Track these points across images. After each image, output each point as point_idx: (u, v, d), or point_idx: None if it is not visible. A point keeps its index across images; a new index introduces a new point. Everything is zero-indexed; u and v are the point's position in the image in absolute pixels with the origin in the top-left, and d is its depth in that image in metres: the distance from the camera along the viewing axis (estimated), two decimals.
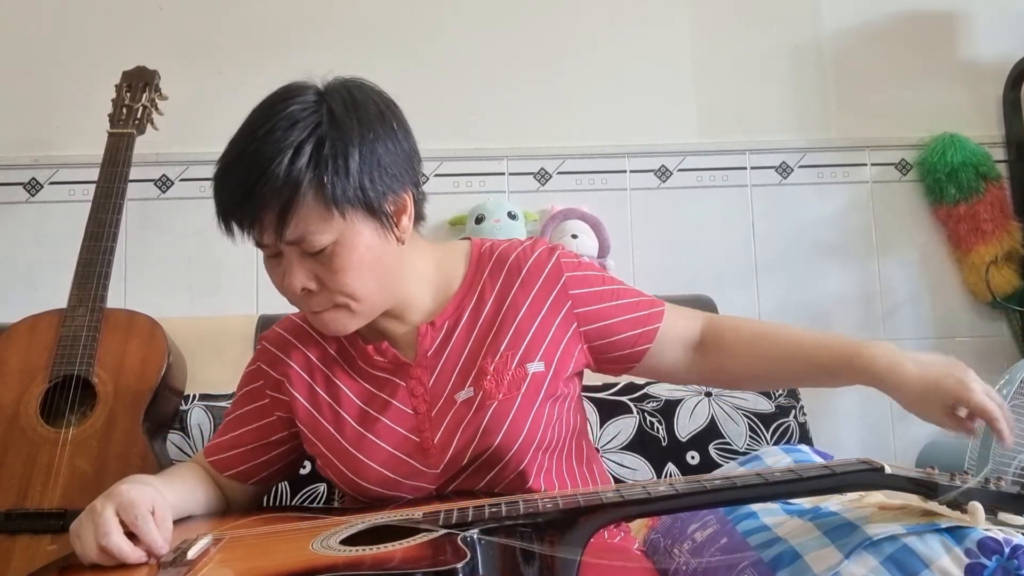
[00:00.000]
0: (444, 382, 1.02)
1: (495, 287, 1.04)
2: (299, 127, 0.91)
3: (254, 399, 1.09)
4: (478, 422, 0.98)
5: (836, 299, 2.07)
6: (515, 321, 1.03)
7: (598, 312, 1.06)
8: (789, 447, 1.38)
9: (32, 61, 2.01)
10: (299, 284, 0.94)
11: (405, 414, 1.01)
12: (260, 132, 0.93)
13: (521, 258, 1.06)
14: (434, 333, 1.03)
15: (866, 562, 0.82)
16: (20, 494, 1.30)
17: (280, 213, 0.90)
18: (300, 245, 0.93)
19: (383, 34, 2.05)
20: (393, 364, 1.03)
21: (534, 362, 1.01)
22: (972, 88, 2.14)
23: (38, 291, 1.88)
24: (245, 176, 0.91)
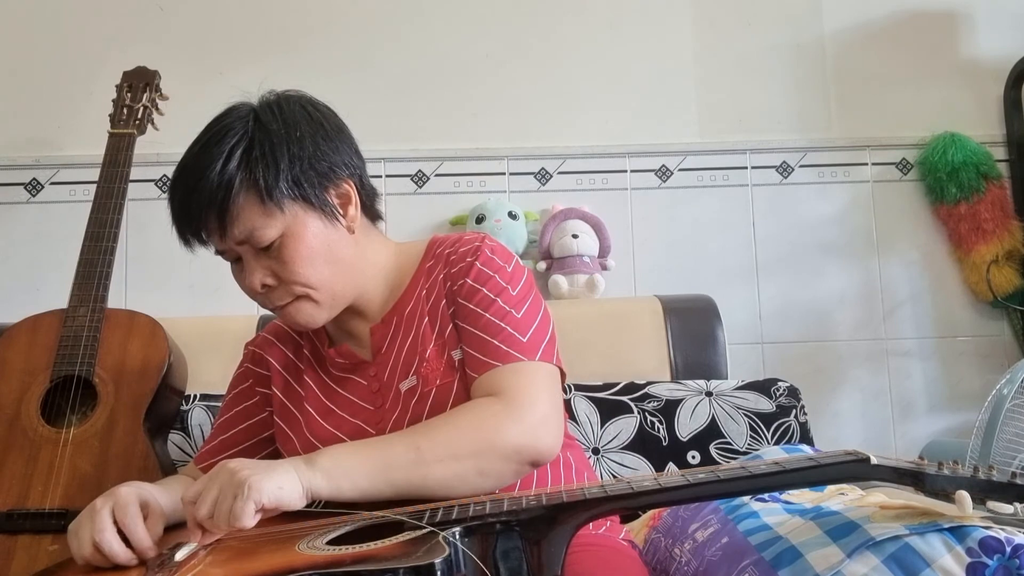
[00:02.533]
0: (394, 376, 1.05)
1: (431, 279, 1.06)
2: (229, 136, 0.98)
3: (245, 398, 1.14)
4: (421, 409, 1.00)
5: (837, 299, 2.07)
6: (439, 308, 1.04)
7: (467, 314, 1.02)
8: (790, 447, 1.38)
9: (32, 61, 2.01)
10: (257, 281, 0.99)
11: (364, 409, 1.05)
12: (196, 148, 1.00)
13: (456, 246, 1.07)
14: (383, 330, 1.07)
15: (868, 561, 0.82)
16: (21, 494, 1.30)
17: (219, 215, 0.96)
18: (250, 243, 0.97)
19: (383, 34, 2.05)
20: (352, 363, 1.08)
21: (456, 349, 1.02)
22: (973, 87, 2.14)
23: (39, 291, 1.88)
24: (184, 187, 0.98)
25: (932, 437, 1.94)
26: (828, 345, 2.06)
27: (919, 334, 2.08)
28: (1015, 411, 1.45)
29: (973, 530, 0.80)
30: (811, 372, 2.03)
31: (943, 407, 2.05)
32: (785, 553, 0.90)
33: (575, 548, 1.00)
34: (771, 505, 1.06)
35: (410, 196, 2.01)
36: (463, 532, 0.79)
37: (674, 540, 1.12)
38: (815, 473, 0.83)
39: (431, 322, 1.04)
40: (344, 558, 0.76)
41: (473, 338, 1.00)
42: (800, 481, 0.86)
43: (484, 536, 0.81)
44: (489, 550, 0.80)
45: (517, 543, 0.81)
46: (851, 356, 2.06)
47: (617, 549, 1.07)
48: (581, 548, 1.02)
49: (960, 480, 0.79)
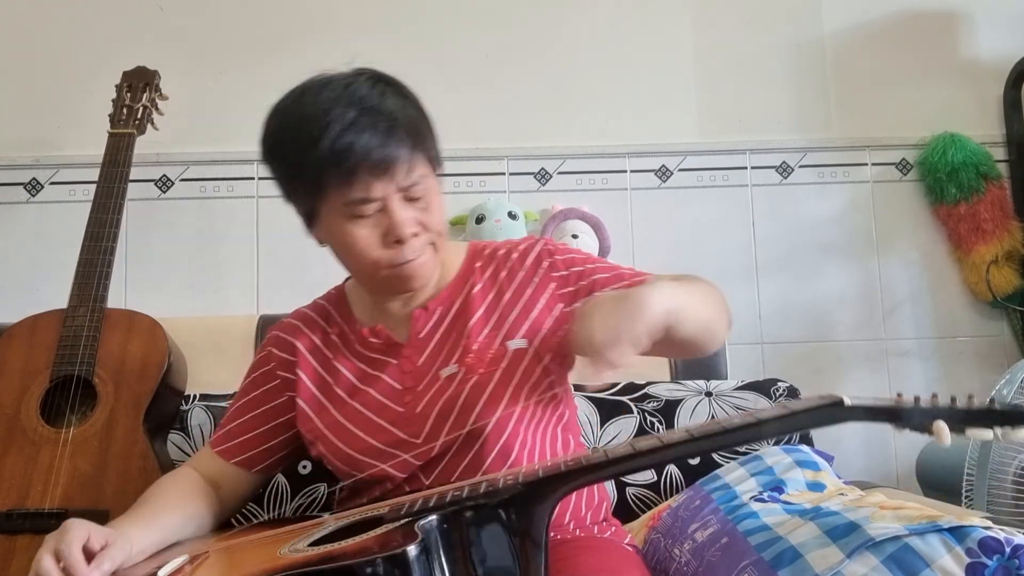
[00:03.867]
0: (432, 361, 1.07)
1: (484, 277, 1.12)
2: (381, 88, 1.00)
3: (266, 381, 1.14)
4: (457, 395, 1.04)
5: (837, 299, 2.07)
6: (500, 304, 1.09)
7: (578, 274, 1.10)
8: (790, 447, 1.38)
9: (32, 61, 2.01)
10: (410, 228, 0.99)
11: (393, 388, 1.07)
12: (362, 89, 0.99)
13: (511, 249, 1.14)
14: (426, 317, 1.09)
15: (867, 561, 0.82)
16: (21, 494, 1.30)
17: (411, 152, 0.97)
18: (410, 190, 0.99)
19: (383, 34, 2.05)
20: (386, 344, 1.09)
21: (516, 339, 1.07)
22: (973, 88, 2.14)
23: (39, 291, 1.88)
24: (376, 123, 0.96)
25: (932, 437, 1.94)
26: (828, 345, 2.06)
27: (919, 334, 2.08)
28: None
29: (972, 530, 0.80)
30: (811, 372, 2.03)
31: None
32: (784, 553, 0.90)
33: (580, 549, 1.01)
34: (771, 505, 1.07)
35: None
36: (441, 519, 0.80)
37: (674, 540, 1.12)
38: (790, 422, 0.82)
39: (486, 314, 1.08)
40: (314, 558, 0.77)
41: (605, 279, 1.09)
42: (776, 431, 0.84)
43: (464, 520, 0.81)
44: (470, 534, 0.81)
45: (498, 523, 0.82)
46: (851, 356, 2.06)
47: (622, 551, 1.07)
48: (586, 549, 1.03)
49: (937, 411, 0.78)
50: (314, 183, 0.98)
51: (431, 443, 1.03)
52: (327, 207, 1.00)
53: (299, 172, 0.99)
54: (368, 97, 0.97)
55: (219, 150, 2.01)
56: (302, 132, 0.97)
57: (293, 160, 0.99)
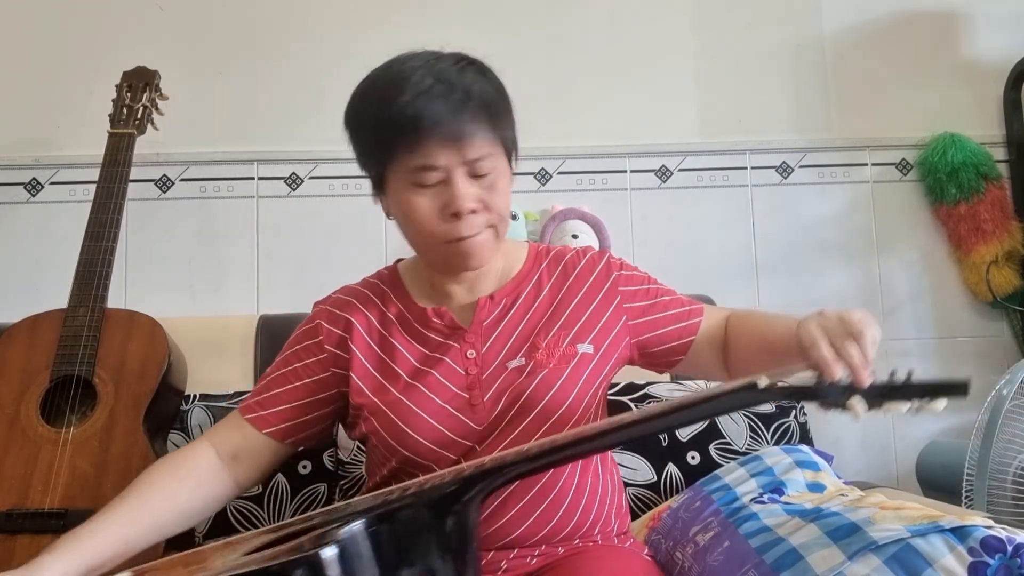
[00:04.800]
0: (497, 350, 1.08)
1: (551, 278, 1.14)
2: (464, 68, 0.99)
3: (311, 354, 1.12)
4: (526, 385, 1.04)
5: (837, 299, 2.07)
6: (569, 307, 1.11)
7: (645, 308, 1.14)
8: (789, 447, 1.38)
9: (32, 61, 2.01)
10: (470, 203, 0.99)
11: (456, 373, 1.06)
12: (445, 64, 0.99)
13: (576, 258, 1.16)
14: (492, 306, 1.09)
15: (869, 561, 0.82)
16: (21, 494, 1.30)
17: (480, 128, 0.98)
18: (475, 165, 0.99)
19: (383, 34, 2.04)
20: (449, 328, 1.09)
21: (584, 343, 1.08)
22: (973, 88, 2.14)
23: (39, 291, 1.88)
24: (450, 93, 0.96)
25: (932, 437, 1.94)
26: None
27: (919, 334, 2.08)
28: (1014, 411, 1.45)
29: (974, 530, 0.80)
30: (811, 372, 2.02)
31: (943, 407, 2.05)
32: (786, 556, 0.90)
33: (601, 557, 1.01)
34: (771, 507, 1.07)
35: None
36: (371, 521, 0.80)
37: (675, 543, 1.12)
38: (709, 407, 0.85)
39: (555, 315, 1.10)
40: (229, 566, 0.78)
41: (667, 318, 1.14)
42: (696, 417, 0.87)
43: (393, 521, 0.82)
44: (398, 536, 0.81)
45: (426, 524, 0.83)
46: None
47: (644, 562, 1.07)
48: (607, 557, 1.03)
49: (851, 388, 0.79)
50: (383, 146, 0.99)
51: (491, 431, 1.03)
52: (394, 173, 1.00)
53: (371, 134, 1.00)
54: (448, 70, 0.98)
55: (219, 150, 2.01)
56: (379, 95, 0.98)
57: (367, 122, 1.00)
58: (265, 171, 2.02)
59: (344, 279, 1.20)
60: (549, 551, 1.03)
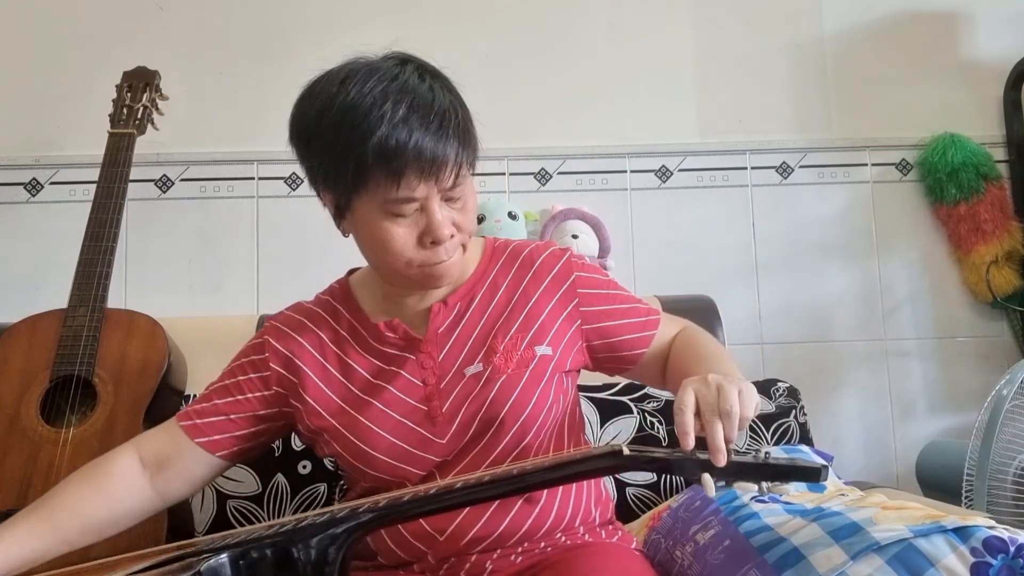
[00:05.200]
0: (454, 357, 1.06)
1: (508, 276, 1.10)
2: (429, 82, 0.97)
3: (255, 369, 1.10)
4: (486, 393, 1.02)
5: (837, 299, 2.08)
6: (526, 307, 1.08)
7: (601, 313, 1.11)
8: (790, 447, 1.38)
9: (32, 61, 2.01)
10: (448, 230, 0.98)
11: (414, 385, 1.04)
12: (412, 82, 0.96)
13: (534, 253, 1.12)
14: (446, 312, 1.07)
15: (872, 561, 0.82)
16: (20, 494, 1.30)
17: (457, 153, 0.95)
18: (451, 191, 0.97)
19: (382, 34, 2.04)
20: (404, 339, 1.06)
21: (542, 345, 1.06)
22: (973, 88, 2.14)
23: (39, 291, 1.88)
24: (428, 121, 0.94)
25: (932, 438, 1.94)
26: (828, 346, 2.06)
27: (919, 335, 2.08)
28: (1014, 411, 1.45)
29: (977, 530, 0.80)
30: (811, 373, 2.03)
31: (943, 408, 2.05)
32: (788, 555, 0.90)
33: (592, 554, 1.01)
34: (771, 506, 1.06)
35: None
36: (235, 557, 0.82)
37: (675, 542, 1.12)
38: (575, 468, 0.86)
39: (512, 315, 1.07)
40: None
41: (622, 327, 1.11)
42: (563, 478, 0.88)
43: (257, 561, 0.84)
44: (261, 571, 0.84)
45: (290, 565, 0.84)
46: (851, 357, 2.06)
47: (633, 556, 1.07)
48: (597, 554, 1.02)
49: (707, 463, 0.80)
50: (357, 177, 0.94)
51: (456, 445, 1.02)
52: (365, 202, 0.96)
53: (342, 164, 0.95)
54: (418, 91, 0.95)
55: (219, 150, 2.01)
56: (348, 123, 0.93)
57: (337, 151, 0.94)
58: (265, 171, 2.02)
59: (345, 272, 1.19)
60: (532, 548, 1.02)
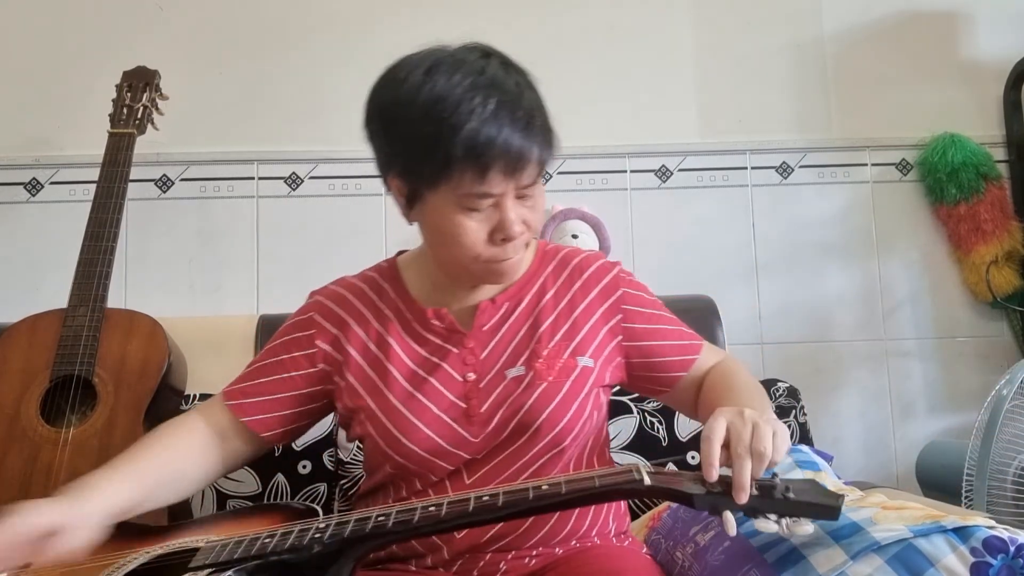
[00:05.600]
0: (496, 357, 1.05)
1: (556, 283, 1.10)
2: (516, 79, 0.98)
3: (300, 347, 1.09)
4: (526, 398, 1.01)
5: (837, 299, 2.08)
6: (571, 316, 1.08)
7: (643, 331, 1.10)
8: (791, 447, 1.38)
9: (32, 61, 2.01)
10: (519, 227, 0.98)
11: (454, 380, 1.04)
12: (498, 76, 0.96)
13: (584, 263, 1.12)
14: (493, 310, 1.07)
15: (871, 561, 0.82)
16: (20, 494, 1.30)
17: (540, 151, 0.96)
18: (526, 189, 0.97)
19: (382, 33, 2.05)
20: (448, 330, 1.06)
21: (584, 356, 1.06)
22: (973, 88, 2.14)
23: (39, 291, 1.88)
24: (515, 117, 0.94)
25: (931, 437, 1.94)
26: (828, 346, 2.06)
27: (919, 335, 2.08)
28: (1014, 411, 1.45)
29: (977, 530, 0.80)
30: (811, 373, 2.03)
31: (943, 407, 2.06)
32: (788, 555, 0.90)
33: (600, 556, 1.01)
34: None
35: None
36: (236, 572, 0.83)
37: (675, 543, 1.12)
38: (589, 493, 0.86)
39: (558, 323, 1.07)
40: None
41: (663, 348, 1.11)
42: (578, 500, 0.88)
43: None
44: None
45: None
46: (851, 356, 2.06)
47: (643, 559, 1.07)
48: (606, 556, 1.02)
49: (727, 499, 0.80)
50: (442, 169, 0.92)
51: (488, 443, 1.01)
52: (443, 193, 0.95)
53: (427, 155, 0.93)
54: (505, 86, 0.95)
55: (219, 150, 2.01)
56: (436, 114, 0.91)
57: (423, 141, 0.92)
58: (265, 171, 2.02)
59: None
60: (547, 552, 1.02)
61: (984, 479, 1.42)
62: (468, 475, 1.02)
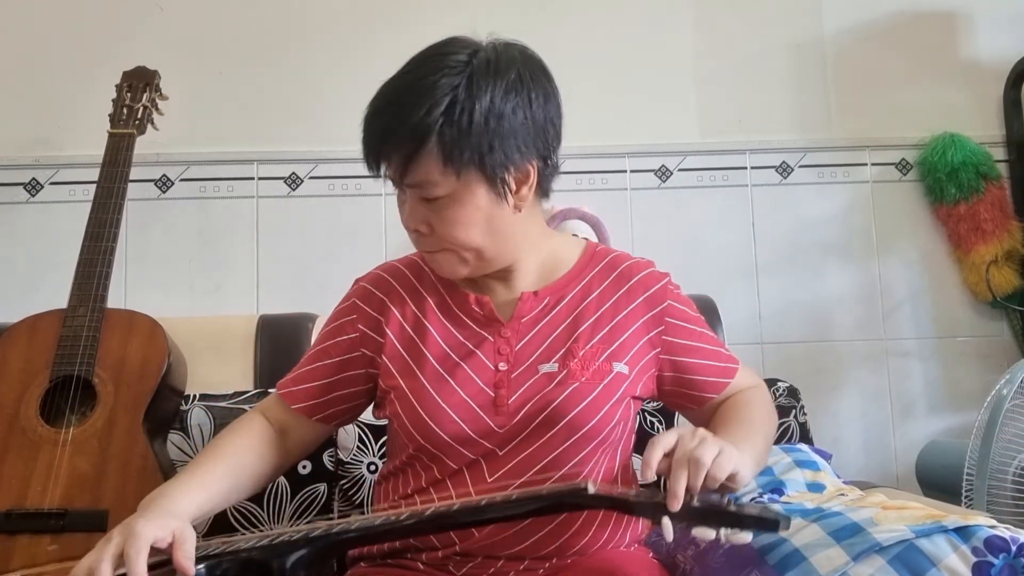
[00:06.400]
0: (531, 350, 1.05)
1: (602, 285, 1.10)
2: (441, 83, 0.96)
3: (343, 332, 1.12)
4: (556, 394, 1.01)
5: (836, 299, 2.08)
6: (613, 320, 1.07)
7: (682, 347, 1.10)
8: (789, 447, 1.38)
9: (32, 61, 2.01)
10: (412, 224, 1.01)
11: (486, 368, 1.04)
12: (408, 77, 0.99)
13: (633, 268, 1.12)
14: (534, 302, 1.07)
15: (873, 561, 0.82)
16: (20, 494, 1.30)
17: (405, 158, 0.96)
18: (418, 190, 0.98)
19: (382, 33, 2.05)
20: (487, 318, 1.07)
21: (620, 363, 1.05)
22: (972, 88, 2.14)
23: (38, 291, 1.88)
24: (386, 118, 0.97)
25: (932, 437, 1.94)
26: (828, 345, 2.06)
27: (919, 334, 2.08)
28: (1014, 411, 1.45)
29: (978, 529, 0.81)
30: (811, 372, 2.03)
31: (943, 407, 2.06)
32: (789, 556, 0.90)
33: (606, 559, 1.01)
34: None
35: None
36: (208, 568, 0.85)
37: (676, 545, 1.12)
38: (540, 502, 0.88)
39: (597, 325, 1.06)
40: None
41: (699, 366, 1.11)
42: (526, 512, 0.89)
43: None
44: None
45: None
46: (851, 356, 2.06)
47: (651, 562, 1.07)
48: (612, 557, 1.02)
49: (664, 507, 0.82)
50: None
51: (512, 436, 1.01)
52: None
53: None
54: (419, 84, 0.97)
55: (219, 150, 2.01)
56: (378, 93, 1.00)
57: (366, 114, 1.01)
58: (265, 171, 2.02)
59: (344, 279, 1.20)
60: (560, 563, 1.02)
61: (984, 479, 1.42)
62: (488, 469, 1.01)
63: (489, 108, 0.96)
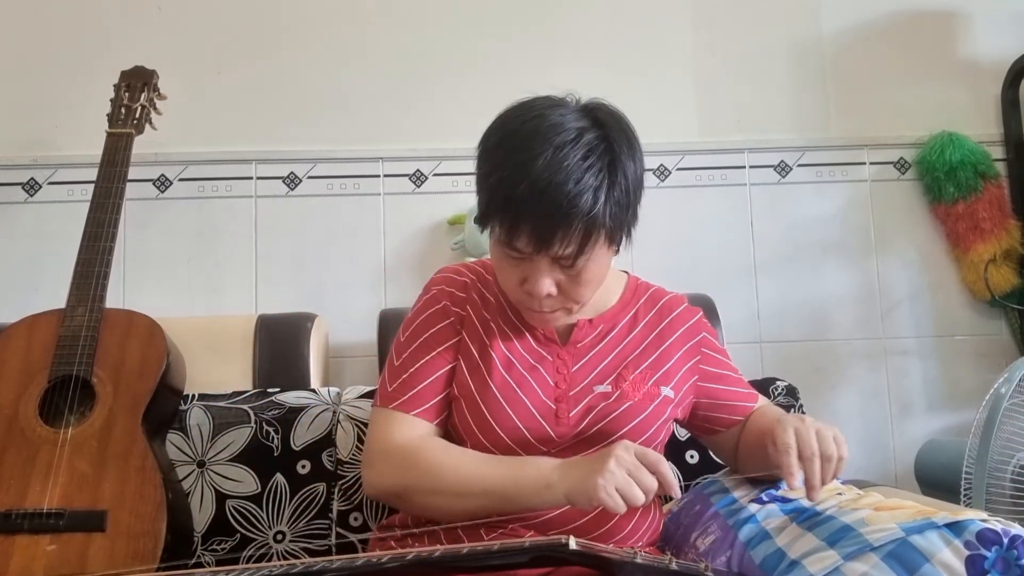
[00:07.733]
0: (585, 372, 1.11)
1: (647, 316, 1.18)
2: (593, 164, 0.96)
3: (439, 319, 1.14)
4: (612, 410, 1.08)
5: (835, 298, 2.08)
6: (659, 349, 1.16)
7: (715, 375, 1.20)
8: None
9: (31, 61, 2.01)
10: (545, 290, 1.01)
11: (548, 383, 1.09)
12: (557, 159, 0.95)
13: (672, 303, 1.21)
14: (589, 329, 1.14)
15: (867, 559, 0.83)
16: (19, 494, 1.30)
17: (578, 247, 0.97)
18: (562, 259, 0.99)
19: (382, 34, 2.05)
20: (547, 338, 1.13)
21: (667, 387, 1.12)
22: (971, 87, 2.14)
23: (37, 291, 1.88)
24: (553, 207, 0.94)
25: (930, 436, 1.95)
26: (827, 344, 2.06)
27: (917, 333, 2.08)
28: (1013, 410, 1.45)
29: (970, 523, 0.81)
30: (810, 371, 2.03)
31: (941, 406, 2.06)
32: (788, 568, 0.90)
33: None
34: (769, 506, 1.07)
35: (408, 196, 2.00)
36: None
37: (677, 549, 1.12)
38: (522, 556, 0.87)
39: (645, 353, 1.14)
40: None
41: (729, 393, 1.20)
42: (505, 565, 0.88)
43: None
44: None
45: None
46: (850, 355, 2.06)
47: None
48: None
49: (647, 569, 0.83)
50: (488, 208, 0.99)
51: (569, 446, 1.06)
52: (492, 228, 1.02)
53: (483, 191, 1.01)
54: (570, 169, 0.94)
55: (217, 150, 2.01)
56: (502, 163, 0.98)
57: (486, 178, 1.00)
58: (263, 171, 2.02)
59: (344, 279, 1.20)
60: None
61: (983, 477, 1.42)
62: None
63: (634, 180, 1.00)
